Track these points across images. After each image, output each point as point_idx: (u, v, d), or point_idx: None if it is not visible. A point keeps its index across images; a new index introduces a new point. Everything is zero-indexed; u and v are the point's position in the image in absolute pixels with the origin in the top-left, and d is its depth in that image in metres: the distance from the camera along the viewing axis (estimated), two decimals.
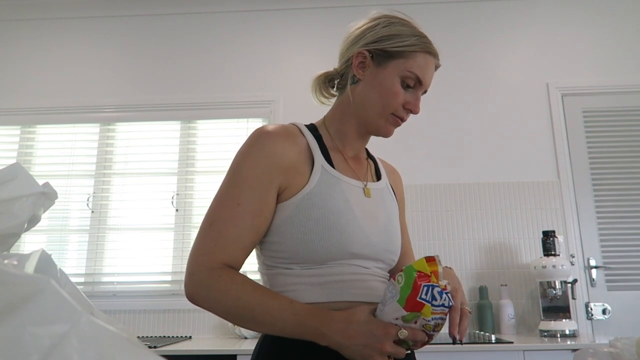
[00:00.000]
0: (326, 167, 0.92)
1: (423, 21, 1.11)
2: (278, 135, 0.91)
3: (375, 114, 0.96)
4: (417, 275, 0.75)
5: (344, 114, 1.01)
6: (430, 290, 0.75)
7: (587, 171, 2.69)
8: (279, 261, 0.90)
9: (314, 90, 1.07)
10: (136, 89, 2.94)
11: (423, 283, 0.75)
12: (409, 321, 0.76)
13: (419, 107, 0.96)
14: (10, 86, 2.98)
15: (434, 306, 0.75)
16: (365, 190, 0.97)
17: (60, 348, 0.31)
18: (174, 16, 3.04)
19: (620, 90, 2.77)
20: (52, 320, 0.32)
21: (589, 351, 0.79)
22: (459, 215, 2.64)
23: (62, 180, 2.84)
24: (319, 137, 0.98)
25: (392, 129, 0.99)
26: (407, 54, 0.94)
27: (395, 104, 0.94)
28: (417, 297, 0.74)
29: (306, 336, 0.81)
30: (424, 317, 0.75)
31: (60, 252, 2.76)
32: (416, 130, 2.78)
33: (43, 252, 0.48)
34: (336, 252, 0.87)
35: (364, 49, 0.96)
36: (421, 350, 2.03)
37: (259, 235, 0.88)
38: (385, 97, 0.94)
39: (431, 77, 0.98)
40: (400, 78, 0.94)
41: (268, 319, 0.81)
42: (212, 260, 0.83)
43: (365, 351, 0.77)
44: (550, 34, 2.88)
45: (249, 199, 0.86)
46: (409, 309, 0.75)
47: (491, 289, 2.49)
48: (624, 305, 2.50)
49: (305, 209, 0.87)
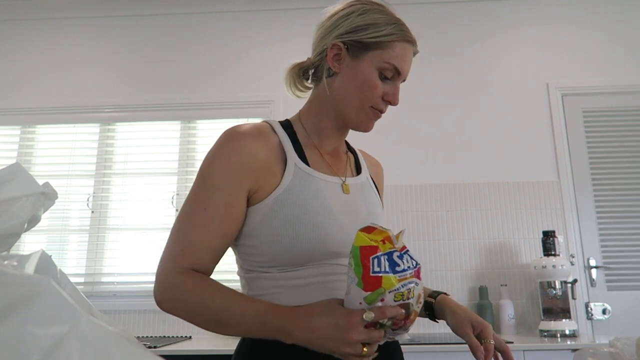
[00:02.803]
0: (300, 165, 0.88)
1: (423, 21, 1.11)
2: (248, 136, 0.87)
3: (354, 108, 0.92)
4: (360, 251, 0.70)
5: (321, 108, 0.96)
6: (383, 259, 0.69)
7: (587, 171, 2.69)
8: (257, 265, 0.87)
9: (288, 83, 1.01)
10: (136, 89, 2.94)
11: (371, 256, 0.69)
12: (373, 301, 0.69)
13: (399, 98, 0.93)
14: (10, 86, 2.98)
15: (397, 273, 0.69)
16: (344, 186, 0.93)
17: (61, 348, 0.31)
18: (174, 16, 3.04)
19: (620, 90, 2.77)
20: (52, 320, 0.32)
21: (589, 351, 0.79)
22: (459, 215, 2.64)
23: (62, 180, 2.84)
24: (292, 134, 0.94)
25: (372, 122, 0.95)
26: (384, 45, 0.89)
27: (374, 97, 0.90)
28: (370, 273, 0.69)
29: (271, 335, 0.76)
30: (389, 289, 0.69)
31: (60, 252, 2.76)
32: (416, 130, 2.78)
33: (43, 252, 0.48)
34: (315, 253, 0.84)
35: (339, 40, 0.91)
36: (421, 351, 2.02)
37: (228, 239, 0.85)
38: (363, 90, 0.90)
39: (409, 66, 0.93)
40: (378, 70, 0.89)
41: (233, 321, 0.78)
42: (178, 265, 0.81)
43: (332, 344, 0.71)
44: (550, 34, 2.88)
45: (217, 203, 0.83)
46: (368, 288, 0.69)
47: (491, 289, 2.49)
48: (624, 305, 2.50)
49: (279, 209, 0.84)
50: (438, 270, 2.57)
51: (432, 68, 2.86)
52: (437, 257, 2.59)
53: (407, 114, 2.80)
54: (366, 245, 0.70)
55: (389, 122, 2.83)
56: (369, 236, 0.71)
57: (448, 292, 1.07)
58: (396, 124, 2.79)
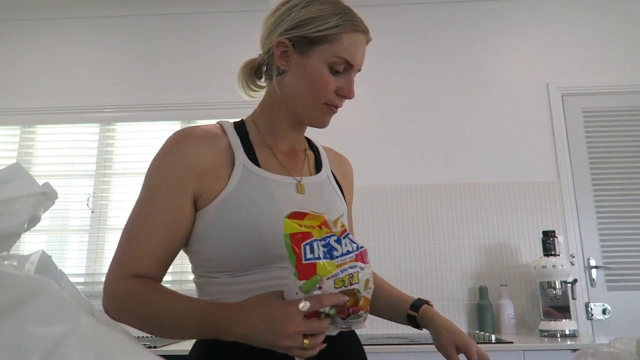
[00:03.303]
0: (249, 166, 0.85)
1: (423, 21, 1.11)
2: (193, 138, 0.85)
3: (307, 107, 0.88)
4: (291, 239, 0.66)
5: (273, 107, 0.92)
6: (317, 245, 0.66)
7: (587, 171, 2.69)
8: (207, 270, 0.84)
9: (240, 83, 0.97)
10: (136, 89, 2.94)
11: (302, 242, 0.66)
12: (310, 290, 0.65)
13: (354, 91, 0.88)
14: (10, 86, 2.98)
15: (335, 258, 0.66)
16: (299, 186, 0.89)
17: (61, 348, 0.31)
18: (174, 16, 3.04)
19: (620, 90, 2.76)
20: (53, 320, 0.32)
21: (589, 351, 0.79)
22: (459, 215, 2.64)
23: (62, 180, 2.84)
24: (244, 135, 0.90)
25: (328, 119, 0.91)
26: (331, 38, 0.84)
27: (327, 93, 0.86)
28: (302, 261, 0.65)
29: (211, 334, 0.73)
30: (326, 276, 0.65)
31: (60, 252, 2.76)
32: (416, 130, 2.78)
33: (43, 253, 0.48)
34: (263, 257, 0.80)
35: (284, 37, 0.87)
36: (421, 351, 2.02)
37: (175, 245, 0.82)
38: (314, 88, 0.86)
39: (362, 56, 0.88)
40: (328, 65, 0.85)
41: (173, 323, 0.75)
42: (123, 273, 0.79)
43: (270, 337, 0.67)
44: (550, 34, 2.88)
45: (161, 209, 0.81)
46: (302, 276, 0.65)
47: (491, 289, 2.49)
48: (624, 305, 2.50)
49: (225, 213, 0.81)
50: (438, 270, 2.57)
51: (432, 68, 2.86)
52: (437, 257, 2.59)
53: (407, 114, 2.80)
54: (296, 232, 0.67)
55: (388, 122, 2.84)
56: (299, 222, 0.68)
57: (448, 292, 1.06)
58: (396, 124, 2.79)
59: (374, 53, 2.97)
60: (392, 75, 2.86)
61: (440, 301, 2.52)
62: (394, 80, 2.85)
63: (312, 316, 0.67)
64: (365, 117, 2.79)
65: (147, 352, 0.36)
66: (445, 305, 2.52)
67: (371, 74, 2.88)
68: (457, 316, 2.50)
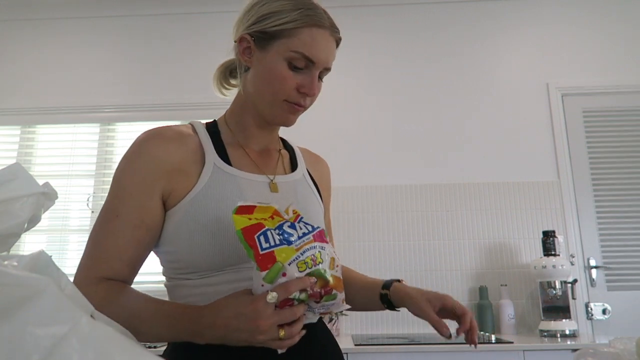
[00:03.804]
0: (219, 164, 0.84)
1: (423, 21, 1.11)
2: (161, 138, 0.84)
3: (267, 103, 0.86)
4: (243, 234, 0.66)
5: (242, 106, 0.93)
6: (271, 234, 0.66)
7: (587, 171, 2.69)
8: (177, 272, 0.83)
9: (214, 82, 0.98)
10: (136, 89, 2.94)
11: (256, 234, 0.65)
12: (274, 279, 0.65)
13: (316, 89, 0.84)
14: (10, 86, 2.98)
15: (292, 243, 0.66)
16: (272, 185, 0.88)
17: (61, 349, 0.31)
18: (174, 16, 3.04)
19: (620, 90, 2.77)
20: (52, 321, 0.32)
21: (589, 351, 0.79)
22: (459, 215, 2.64)
23: (62, 180, 2.83)
24: (216, 134, 0.90)
25: (291, 117, 0.88)
26: (288, 32, 0.82)
27: (286, 90, 0.83)
28: (260, 252, 0.65)
29: (184, 338, 0.72)
30: (287, 261, 0.65)
31: (60, 252, 2.76)
32: (416, 130, 2.78)
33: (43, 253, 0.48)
34: (232, 257, 0.78)
35: (246, 32, 0.86)
36: (421, 351, 2.02)
37: (144, 246, 0.81)
38: (272, 83, 0.83)
39: (328, 53, 0.84)
40: (286, 60, 0.82)
41: (145, 327, 0.73)
42: (91, 276, 0.77)
43: (244, 335, 0.67)
44: (550, 34, 2.88)
45: (128, 210, 0.80)
46: (263, 267, 0.65)
47: (491, 289, 2.49)
48: (624, 305, 2.50)
49: (194, 212, 0.79)
50: (438, 270, 2.57)
51: (432, 68, 2.86)
52: (437, 257, 2.59)
53: (407, 114, 2.80)
54: (247, 225, 0.66)
55: (388, 122, 2.84)
56: (248, 216, 0.68)
57: (448, 292, 1.05)
58: (396, 124, 2.79)
59: (374, 53, 2.98)
60: (392, 75, 2.86)
61: None
62: (394, 80, 2.85)
63: (285, 305, 0.66)
64: (365, 117, 2.78)
65: (147, 352, 0.36)
66: None
67: (371, 74, 2.89)
68: None
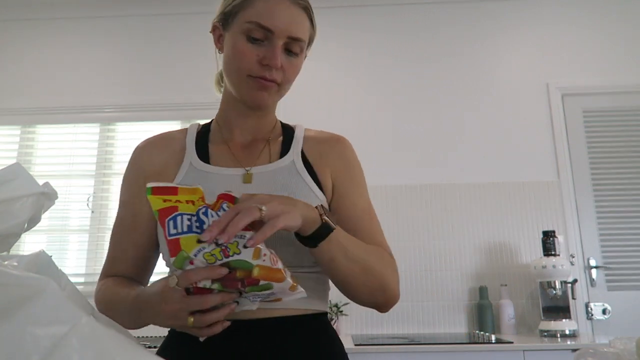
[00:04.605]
0: (195, 163, 0.87)
1: (423, 21, 1.11)
2: (148, 144, 0.91)
3: (235, 83, 0.85)
4: (159, 215, 0.64)
5: (226, 98, 0.92)
6: (181, 219, 0.63)
7: (587, 171, 2.69)
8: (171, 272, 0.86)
9: (215, 82, 0.98)
10: (136, 89, 2.94)
11: (167, 218, 0.63)
12: (182, 266, 0.63)
13: (278, 60, 0.80)
14: (10, 86, 2.98)
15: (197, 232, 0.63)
16: (246, 176, 0.85)
17: (60, 348, 0.31)
18: (174, 16, 3.04)
19: (620, 90, 2.76)
20: (53, 321, 0.32)
21: (589, 351, 0.79)
22: (459, 215, 2.64)
23: (62, 180, 2.83)
24: (205, 133, 0.92)
25: (261, 93, 0.84)
26: (244, 6, 0.82)
27: (247, 64, 0.81)
28: (167, 237, 0.63)
29: (147, 321, 0.73)
30: (191, 252, 0.62)
31: (60, 252, 2.76)
32: (416, 130, 2.78)
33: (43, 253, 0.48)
34: None
35: (215, 21, 0.88)
36: (421, 351, 2.02)
37: (143, 248, 0.88)
38: (235, 60, 0.83)
39: (288, 21, 0.81)
40: (244, 33, 0.81)
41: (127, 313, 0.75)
42: (102, 274, 0.89)
43: (158, 319, 0.68)
44: (550, 34, 2.88)
45: (125, 216, 0.89)
46: (171, 252, 0.63)
47: (491, 289, 2.48)
48: (624, 305, 2.50)
49: None
50: (438, 270, 2.57)
51: (432, 68, 2.86)
52: (437, 257, 2.59)
53: (407, 114, 2.80)
54: (162, 207, 0.64)
55: (388, 122, 2.84)
56: (166, 197, 0.64)
57: (448, 292, 1.03)
58: (396, 124, 2.79)
59: (374, 53, 2.98)
60: (392, 75, 2.86)
61: (440, 301, 2.52)
62: (394, 80, 2.85)
63: (199, 292, 0.63)
64: (365, 117, 2.78)
65: (147, 352, 0.36)
66: (445, 305, 2.52)
67: (371, 74, 2.89)
68: (457, 316, 2.50)
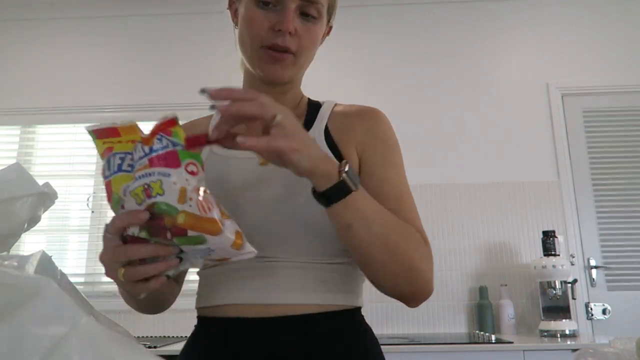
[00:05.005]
0: (215, 148, 0.83)
1: (423, 21, 1.11)
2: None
3: (249, 56, 0.83)
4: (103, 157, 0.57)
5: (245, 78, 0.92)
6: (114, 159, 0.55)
7: (587, 171, 2.69)
8: None
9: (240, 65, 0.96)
10: (136, 89, 2.94)
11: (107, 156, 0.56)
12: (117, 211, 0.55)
13: (290, 22, 0.77)
14: (10, 86, 2.98)
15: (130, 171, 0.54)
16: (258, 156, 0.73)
17: (60, 349, 0.31)
18: (174, 16, 3.04)
19: (620, 90, 2.76)
20: (53, 321, 0.32)
21: (589, 351, 0.79)
22: (459, 215, 2.64)
23: (62, 180, 2.83)
24: None
25: (274, 67, 0.80)
26: None
27: (257, 30, 0.79)
28: (104, 179, 0.56)
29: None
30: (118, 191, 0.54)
31: (60, 252, 2.76)
32: (416, 130, 2.78)
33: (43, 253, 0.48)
34: None
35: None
36: (421, 351, 2.01)
37: None
38: (247, 29, 0.80)
39: None
40: (254, 1, 0.79)
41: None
42: None
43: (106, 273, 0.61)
44: (550, 34, 2.88)
45: None
46: (108, 197, 0.56)
47: (491, 289, 2.48)
48: (624, 305, 2.50)
49: None
50: (438, 270, 2.57)
51: (432, 68, 2.86)
52: (437, 257, 2.57)
53: (407, 114, 2.80)
54: (103, 150, 0.56)
55: None
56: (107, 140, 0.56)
57: (448, 292, 1.03)
58: (396, 124, 2.78)
59: (374, 53, 2.98)
60: (392, 75, 2.86)
61: (440, 301, 2.52)
62: (394, 80, 2.85)
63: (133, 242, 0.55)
64: None
65: (147, 352, 0.36)
66: (445, 305, 2.52)
67: (371, 74, 2.89)
68: (457, 316, 2.50)
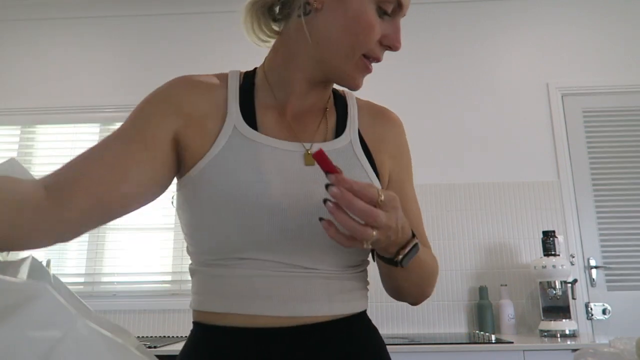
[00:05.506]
0: (241, 127, 0.69)
1: (423, 21, 1.11)
2: (187, 83, 0.73)
3: (341, 57, 0.69)
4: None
5: (291, 57, 0.73)
6: None
7: (587, 171, 2.68)
8: (192, 258, 0.73)
9: (247, 23, 0.77)
10: (136, 89, 2.94)
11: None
12: None
13: (400, 41, 0.69)
14: (10, 86, 2.98)
15: None
16: (306, 156, 0.70)
17: (57, 352, 0.31)
18: (174, 16, 3.04)
19: (620, 90, 2.76)
20: (49, 324, 0.32)
21: (589, 351, 0.79)
22: (459, 215, 2.64)
23: None
24: (249, 88, 0.74)
25: (361, 77, 0.73)
26: None
27: (370, 40, 0.68)
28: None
29: None
30: None
31: (60, 252, 2.76)
32: (415, 130, 2.77)
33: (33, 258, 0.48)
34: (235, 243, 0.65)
35: None
36: (421, 351, 2.01)
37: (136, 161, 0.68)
38: (355, 32, 0.67)
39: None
40: (376, 3, 0.67)
41: None
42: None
43: None
44: (550, 34, 2.88)
45: (126, 127, 0.71)
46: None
47: (491, 289, 2.48)
48: (624, 305, 2.50)
49: (199, 186, 0.65)
50: None
51: (432, 68, 2.86)
52: (437, 257, 2.59)
53: (407, 114, 2.79)
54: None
55: None
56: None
57: (448, 292, 1.04)
58: None
59: None
60: (392, 74, 2.86)
61: (440, 301, 2.52)
62: (393, 79, 2.85)
63: None
64: None
65: (143, 355, 0.36)
66: (445, 305, 2.52)
67: (371, 73, 2.88)
68: (457, 316, 2.50)
